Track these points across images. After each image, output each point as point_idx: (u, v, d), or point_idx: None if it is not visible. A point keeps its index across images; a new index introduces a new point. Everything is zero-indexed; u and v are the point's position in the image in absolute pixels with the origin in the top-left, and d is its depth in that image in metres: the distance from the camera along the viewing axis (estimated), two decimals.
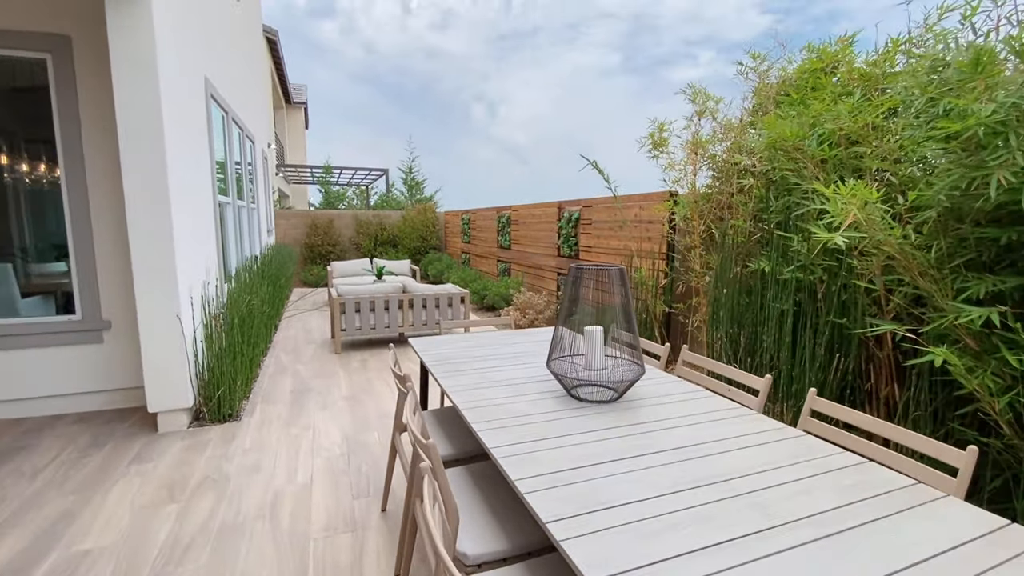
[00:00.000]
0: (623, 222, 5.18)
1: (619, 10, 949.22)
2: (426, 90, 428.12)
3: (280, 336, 6.24)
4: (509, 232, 8.31)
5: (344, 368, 4.94)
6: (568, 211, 6.31)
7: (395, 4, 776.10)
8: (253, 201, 7.42)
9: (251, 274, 5.41)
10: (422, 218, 12.50)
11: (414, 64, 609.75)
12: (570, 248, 6.26)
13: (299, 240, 11.82)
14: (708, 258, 3.77)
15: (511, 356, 2.60)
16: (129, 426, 3.48)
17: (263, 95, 10.21)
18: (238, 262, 5.59)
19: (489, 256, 9.36)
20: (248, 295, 4.38)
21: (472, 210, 10.46)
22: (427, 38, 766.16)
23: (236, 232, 5.58)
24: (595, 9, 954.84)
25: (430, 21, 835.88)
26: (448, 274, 9.99)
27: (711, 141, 3.98)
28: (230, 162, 5.42)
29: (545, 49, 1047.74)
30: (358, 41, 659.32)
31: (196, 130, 4.01)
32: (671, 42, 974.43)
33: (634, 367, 1.92)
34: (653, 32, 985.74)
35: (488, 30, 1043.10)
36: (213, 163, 4.49)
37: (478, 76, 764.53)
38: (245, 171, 6.50)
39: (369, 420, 3.63)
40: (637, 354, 1.91)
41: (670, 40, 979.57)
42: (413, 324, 5.76)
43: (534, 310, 6.50)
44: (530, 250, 7.50)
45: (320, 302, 8.79)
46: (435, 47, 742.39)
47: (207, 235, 4.20)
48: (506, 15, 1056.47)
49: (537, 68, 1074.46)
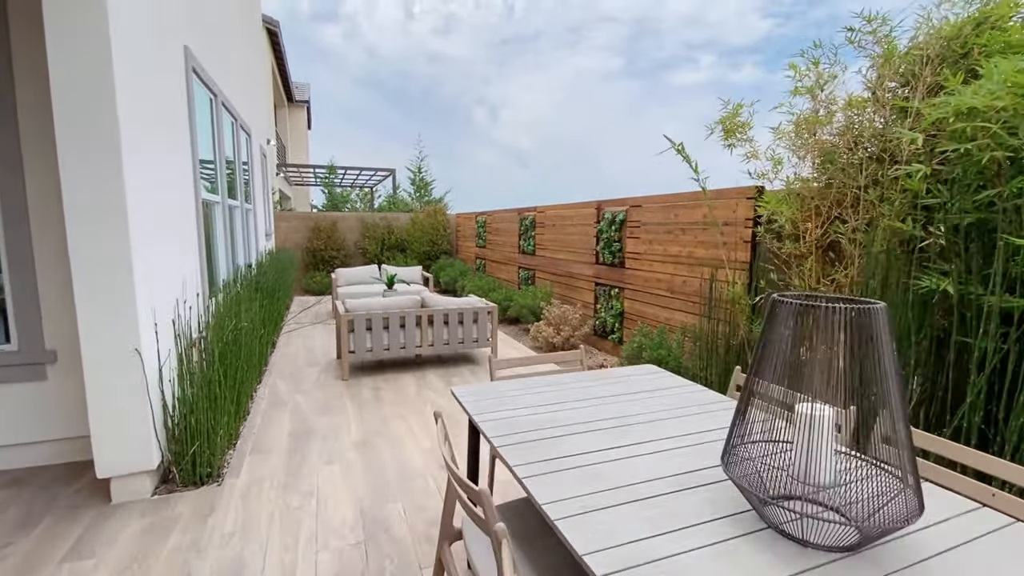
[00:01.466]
0: (686, 224, 4.35)
1: (621, 14, 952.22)
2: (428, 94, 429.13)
3: (278, 355, 5.41)
4: (533, 236, 7.48)
5: (353, 400, 4.10)
6: (610, 212, 5.48)
7: (398, 9, 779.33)
8: (249, 201, 6.61)
9: (244, 286, 4.58)
10: (432, 221, 11.68)
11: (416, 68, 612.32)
12: (612, 255, 5.42)
13: (301, 244, 11.01)
14: (833, 272, 2.93)
15: (615, 422, 1.76)
16: (76, 491, 2.64)
17: (262, 86, 9.42)
18: (229, 272, 4.77)
19: (509, 262, 8.53)
20: (237, 315, 3.56)
21: (488, 212, 9.64)
22: (429, 43, 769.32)
23: (227, 237, 4.76)
24: (597, 13, 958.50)
25: (432, 26, 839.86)
26: (462, 281, 9.16)
27: (823, 121, 3.15)
28: (219, 154, 4.61)
29: (547, 53, 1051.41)
30: (361, 45, 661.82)
31: (171, 111, 3.20)
32: (673, 46, 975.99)
33: (900, 490, 1.07)
34: (655, 36, 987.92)
35: (490, 34, 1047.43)
36: (196, 153, 3.67)
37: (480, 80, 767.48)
38: (239, 166, 5.70)
39: (389, 482, 2.79)
40: (906, 465, 1.06)
41: (672, 44, 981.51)
42: (433, 344, 4.93)
43: (569, 326, 5.66)
44: (560, 256, 6.66)
45: (324, 313, 7.96)
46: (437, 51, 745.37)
47: (186, 241, 3.39)
48: (508, 19, 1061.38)
49: (539, 72, 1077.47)
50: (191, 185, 3.57)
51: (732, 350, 3.43)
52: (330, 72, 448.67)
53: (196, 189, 3.67)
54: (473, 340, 5.08)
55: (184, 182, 3.42)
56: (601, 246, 5.63)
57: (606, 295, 5.60)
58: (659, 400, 1.99)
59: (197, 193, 3.68)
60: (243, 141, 6.20)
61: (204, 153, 4.23)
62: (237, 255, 5.56)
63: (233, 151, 5.58)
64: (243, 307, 3.76)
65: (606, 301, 5.60)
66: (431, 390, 4.37)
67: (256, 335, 4.04)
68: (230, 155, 5.41)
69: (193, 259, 3.53)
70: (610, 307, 5.52)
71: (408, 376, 4.76)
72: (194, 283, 3.46)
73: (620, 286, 5.34)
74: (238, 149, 5.66)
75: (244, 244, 5.83)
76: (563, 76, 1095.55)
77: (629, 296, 5.20)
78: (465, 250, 11.35)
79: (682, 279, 4.42)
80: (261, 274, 5.14)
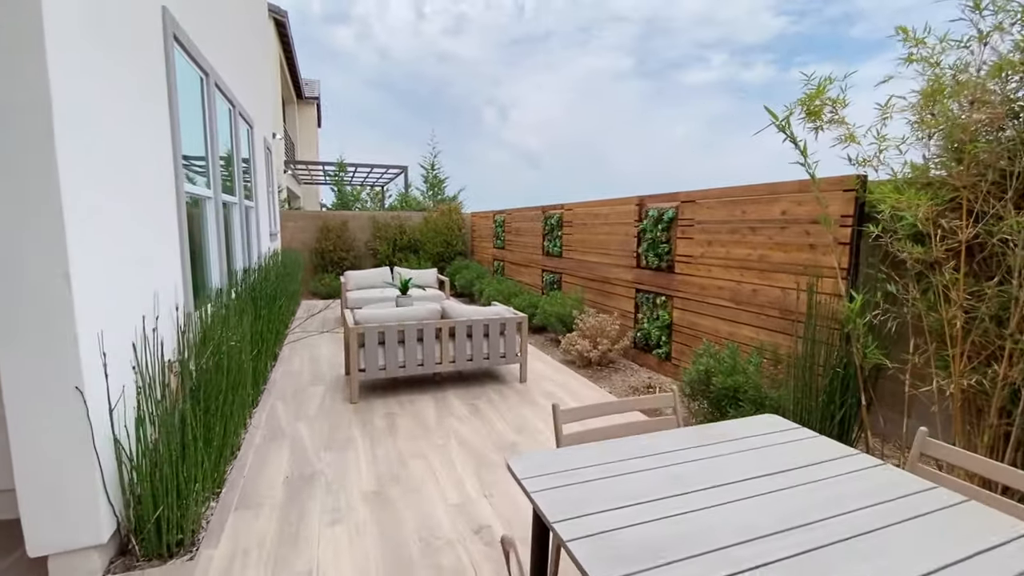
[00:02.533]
0: (749, 223, 3.67)
1: (631, 13, 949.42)
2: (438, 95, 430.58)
3: (280, 371, 4.80)
4: (560, 236, 6.82)
5: (364, 430, 3.47)
6: (655, 209, 4.80)
7: (409, 10, 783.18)
8: (250, 198, 6.02)
9: (239, 295, 3.98)
10: (446, 220, 11.06)
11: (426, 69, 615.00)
12: (659, 258, 4.74)
13: (308, 244, 10.44)
14: (980, 285, 2.24)
15: (793, 542, 1.09)
16: (3, 573, 2.03)
17: (267, 77, 8.85)
18: (223, 279, 4.17)
19: (531, 264, 7.87)
20: (225, 331, 2.94)
21: (508, 210, 8.99)
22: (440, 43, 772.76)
23: (220, 237, 4.16)
24: (607, 12, 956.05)
25: (443, 26, 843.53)
26: (479, 285, 8.52)
27: (953, 94, 2.46)
28: (211, 142, 4.01)
29: (557, 53, 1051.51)
30: (371, 47, 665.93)
31: (142, 82, 2.59)
32: (684, 45, 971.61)
33: None
34: (666, 35, 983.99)
35: (500, 35, 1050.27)
36: (177, 138, 3.07)
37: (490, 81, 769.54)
38: (237, 158, 5.10)
39: (410, 555, 2.15)
40: None
41: (683, 43, 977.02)
42: (455, 360, 4.29)
43: (607, 338, 4.99)
44: (592, 259, 5.99)
45: (331, 320, 7.36)
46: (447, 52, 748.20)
47: (162, 243, 2.78)
48: (518, 20, 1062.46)
49: (549, 72, 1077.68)
50: (170, 175, 2.96)
51: (838, 379, 2.73)
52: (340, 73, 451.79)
53: (178, 181, 3.06)
54: (500, 355, 4.43)
55: (160, 171, 2.81)
56: (644, 248, 4.95)
57: (649, 303, 4.92)
58: (836, 488, 1.32)
59: (179, 186, 3.07)
60: (243, 131, 5.61)
61: (192, 140, 3.63)
62: (235, 258, 4.96)
63: (231, 141, 4.99)
64: (234, 321, 3.15)
65: (650, 310, 4.92)
66: (454, 417, 3.73)
67: (250, 353, 3.42)
68: (227, 145, 4.82)
69: (172, 264, 2.92)
70: (654, 317, 4.84)
71: (426, 398, 4.12)
72: (171, 294, 2.84)
73: (668, 293, 4.66)
74: (236, 139, 5.07)
75: (243, 246, 5.24)
76: (573, 76, 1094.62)
77: (679, 306, 4.52)
78: (481, 251, 10.72)
79: (751, 287, 3.73)
80: (262, 279, 4.53)
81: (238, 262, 5.11)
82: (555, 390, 4.35)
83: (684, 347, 4.48)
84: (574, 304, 5.77)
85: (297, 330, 6.59)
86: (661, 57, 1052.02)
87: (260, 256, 6.33)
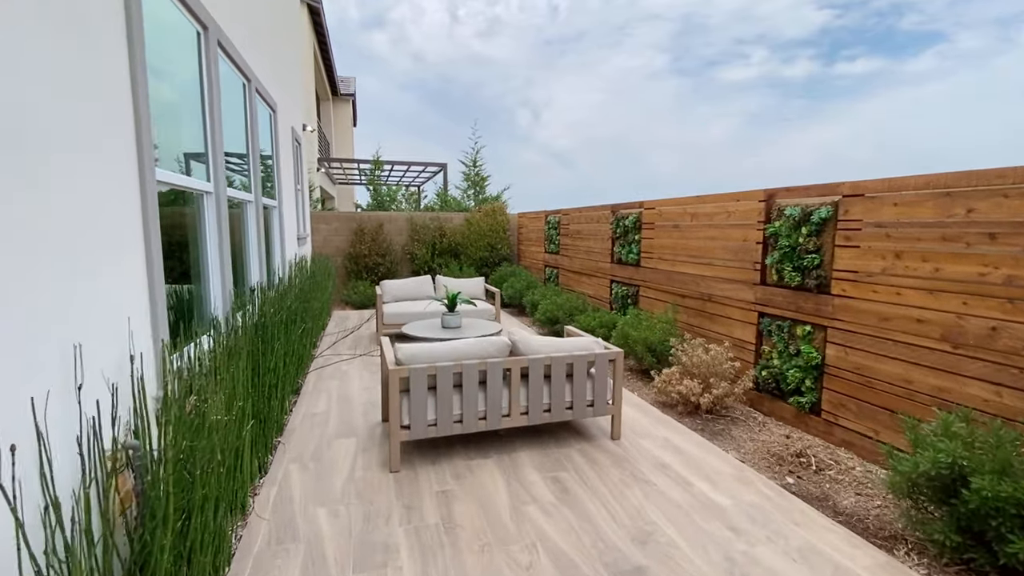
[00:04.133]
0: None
1: (667, 11, 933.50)
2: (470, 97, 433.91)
3: (300, 416, 3.80)
4: (637, 241, 5.61)
5: (410, 528, 2.39)
6: (794, 207, 3.56)
7: (443, 13, 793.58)
8: (272, 196, 5.08)
9: (246, 322, 2.97)
10: (490, 222, 9.99)
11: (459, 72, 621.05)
12: (802, 272, 3.49)
13: (342, 249, 9.57)
14: None
15: None
16: None
17: (296, 60, 7.98)
18: (225, 300, 3.18)
19: (595, 274, 6.69)
20: (216, 388, 1.91)
21: (564, 210, 7.84)
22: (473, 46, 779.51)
23: (224, 244, 3.17)
24: (642, 11, 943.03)
25: (476, 29, 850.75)
26: (530, 296, 7.39)
27: None
28: (210, 120, 3.03)
29: (591, 53, 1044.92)
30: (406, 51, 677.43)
31: (63, 9, 1.58)
32: (721, 42, 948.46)
33: None
34: (703, 32, 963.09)
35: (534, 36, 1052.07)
36: (142, 103, 2.06)
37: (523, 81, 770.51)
38: (253, 145, 4.14)
39: None
40: None
41: (720, 40, 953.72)
42: (528, 411, 3.17)
43: (721, 378, 3.78)
44: (686, 270, 4.77)
45: (366, 339, 6.38)
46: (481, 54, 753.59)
47: (110, 256, 1.77)
48: (552, 21, 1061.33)
49: (583, 72, 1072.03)
50: (127, 157, 1.95)
51: None
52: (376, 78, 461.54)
53: (143, 166, 2.05)
54: (587, 404, 3.29)
55: (109, 151, 1.80)
56: (775, 258, 3.71)
57: (783, 333, 3.67)
58: None
59: (145, 173, 2.06)
60: (262, 114, 4.67)
61: (182, 116, 2.65)
62: (249, 271, 3.99)
63: (245, 125, 4.03)
64: (224, 377, 2.12)
65: (784, 342, 3.67)
66: (534, 503, 2.61)
67: (248, 420, 2.39)
68: (239, 129, 3.86)
69: (128, 286, 1.91)
70: (791, 352, 3.60)
71: (490, 465, 3.02)
72: (121, 339, 1.83)
73: (817, 322, 3.41)
74: (252, 122, 4.11)
75: (261, 254, 4.27)
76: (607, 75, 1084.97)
77: (838, 340, 3.26)
78: (529, 256, 9.59)
79: (988, 324, 2.46)
80: (278, 299, 3.53)
81: (253, 274, 4.14)
82: (662, 454, 3.18)
83: (846, 399, 3.22)
84: (666, 327, 4.56)
85: (327, 351, 5.62)
86: (697, 55, 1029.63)
87: (284, 264, 5.39)
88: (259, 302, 3.24)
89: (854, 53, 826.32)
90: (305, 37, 11.15)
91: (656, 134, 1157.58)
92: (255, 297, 3.36)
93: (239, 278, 3.81)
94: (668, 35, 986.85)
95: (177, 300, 2.67)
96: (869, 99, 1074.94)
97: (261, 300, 3.25)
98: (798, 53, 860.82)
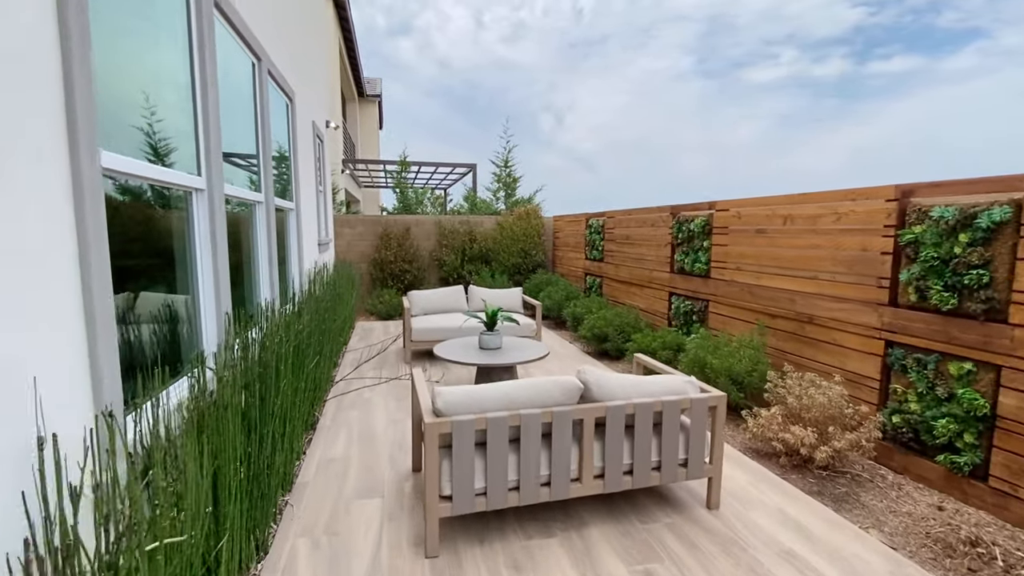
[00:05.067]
0: None
1: (694, 12, 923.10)
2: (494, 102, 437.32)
3: (315, 463, 3.14)
4: (707, 248, 4.81)
5: None
6: (949, 208, 2.73)
7: (468, 20, 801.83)
8: (287, 196, 4.48)
9: (231, 376, 2.31)
10: (524, 225, 9.28)
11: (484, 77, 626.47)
12: (955, 292, 2.67)
13: (367, 254, 9.00)
14: None
15: None
16: None
17: (319, 51, 7.43)
18: (220, 333, 2.53)
19: (649, 284, 5.90)
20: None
21: (610, 212, 7.07)
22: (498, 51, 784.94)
23: (219, 257, 2.53)
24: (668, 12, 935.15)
25: (501, 34, 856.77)
26: (571, 308, 6.64)
27: None
28: (201, 95, 2.39)
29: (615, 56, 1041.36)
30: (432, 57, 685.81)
31: None
32: (749, 42, 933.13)
33: None
34: (730, 33, 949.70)
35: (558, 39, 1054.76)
36: (78, 61, 1.42)
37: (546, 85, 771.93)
38: (263, 136, 3.52)
39: None
40: None
41: (748, 40, 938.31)
42: (603, 474, 2.43)
43: (843, 426, 2.97)
44: (775, 284, 3.96)
45: (392, 356, 5.73)
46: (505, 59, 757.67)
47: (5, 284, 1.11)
48: (576, 24, 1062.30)
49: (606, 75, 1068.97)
50: (54, 125, 1.30)
51: None
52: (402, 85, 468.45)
53: (75, 139, 1.40)
54: (679, 463, 2.53)
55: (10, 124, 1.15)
56: (914, 273, 2.88)
57: (926, 370, 2.84)
58: None
59: (80, 157, 1.41)
60: (276, 102, 4.06)
61: (164, 89, 2.02)
62: (257, 286, 3.38)
63: (256, 112, 3.42)
64: (190, 451, 1.45)
65: (927, 382, 2.83)
66: None
67: (242, 493, 1.72)
68: (246, 117, 3.25)
69: (51, 338, 1.26)
70: (939, 396, 2.76)
71: (556, 551, 2.29)
72: (24, 414, 1.16)
73: (982, 359, 2.58)
74: (263, 109, 3.49)
75: (271, 267, 3.65)
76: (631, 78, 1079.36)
77: (1019, 383, 2.42)
78: (567, 263, 8.84)
79: None
80: (287, 325, 2.87)
81: (262, 290, 3.52)
82: (782, 533, 2.39)
83: None
84: (753, 354, 3.75)
85: (350, 373, 4.99)
86: (724, 55, 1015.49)
87: (302, 275, 4.78)
88: (264, 330, 2.59)
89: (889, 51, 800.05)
90: (330, 30, 10.67)
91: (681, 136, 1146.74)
92: (266, 321, 2.71)
93: (245, 296, 3.18)
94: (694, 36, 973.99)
95: (154, 334, 2.03)
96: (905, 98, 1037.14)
97: (266, 330, 2.60)
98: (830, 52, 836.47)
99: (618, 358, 5.61)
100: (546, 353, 4.12)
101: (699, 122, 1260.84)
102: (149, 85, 2.02)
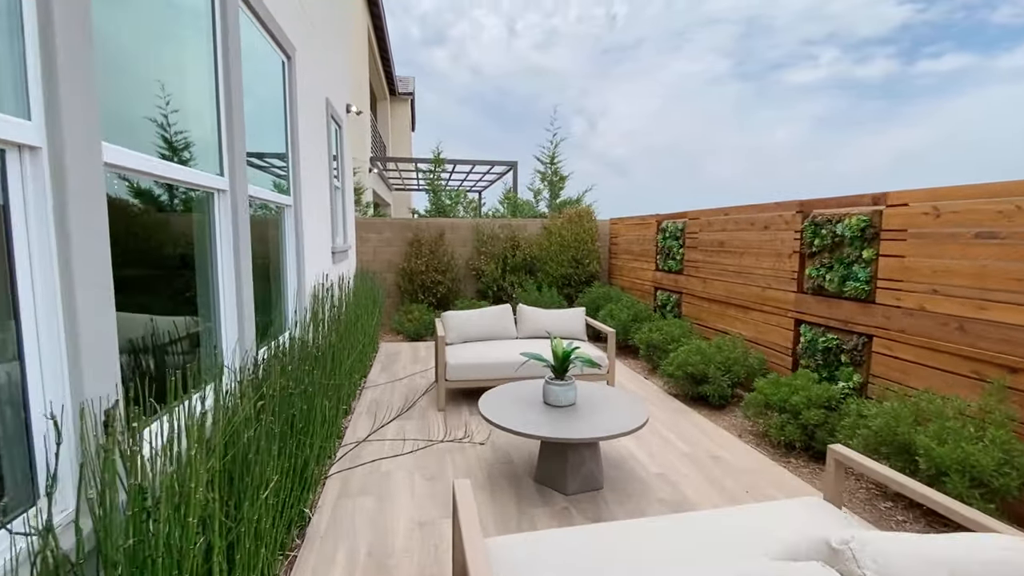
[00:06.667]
0: None
1: (730, 14, 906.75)
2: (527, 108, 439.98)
3: None
4: (867, 259, 3.36)
5: None
6: None
7: (502, 28, 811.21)
8: (287, 192, 3.29)
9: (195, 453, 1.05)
10: (575, 230, 7.94)
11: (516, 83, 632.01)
12: None
13: (394, 263, 7.85)
14: None
15: None
16: None
17: (338, 22, 6.29)
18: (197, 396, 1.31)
19: (761, 307, 4.45)
20: None
21: (693, 213, 5.65)
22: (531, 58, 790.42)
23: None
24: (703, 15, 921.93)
25: (534, 41, 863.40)
26: (642, 334, 5.25)
27: None
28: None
29: (648, 60, 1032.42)
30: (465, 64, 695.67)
31: None
32: (788, 43, 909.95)
33: None
34: (767, 34, 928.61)
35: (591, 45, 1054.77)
36: None
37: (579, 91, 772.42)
38: (227, 84, 2.32)
39: None
40: None
41: (787, 41, 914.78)
42: None
43: None
44: (1015, 319, 2.49)
45: (424, 407, 4.48)
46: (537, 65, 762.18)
47: None
48: (610, 30, 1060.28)
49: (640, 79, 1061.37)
50: None
51: None
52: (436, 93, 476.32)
53: None
54: None
55: None
56: None
57: None
58: None
59: None
60: (262, 53, 2.87)
61: None
62: (218, 329, 2.17)
63: (215, 49, 2.22)
64: None
65: None
66: None
67: None
68: (202, 54, 2.05)
69: None
70: None
71: None
72: None
73: None
74: (226, 48, 2.29)
75: (239, 296, 2.42)
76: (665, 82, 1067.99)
77: None
78: (628, 273, 7.44)
79: None
80: (249, 418, 1.62)
81: (223, 337, 2.29)
82: None
83: None
84: (1002, 436, 2.29)
85: (372, 434, 3.74)
86: (761, 58, 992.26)
87: (301, 297, 3.58)
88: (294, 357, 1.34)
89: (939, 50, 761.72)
90: (359, 12, 9.66)
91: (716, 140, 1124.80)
92: (290, 347, 1.47)
93: (241, 324, 1.96)
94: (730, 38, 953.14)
95: None
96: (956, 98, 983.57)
97: (228, 407, 1.35)
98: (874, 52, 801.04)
99: (720, 407, 4.19)
100: (645, 420, 2.76)
101: (736, 125, 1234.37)
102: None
